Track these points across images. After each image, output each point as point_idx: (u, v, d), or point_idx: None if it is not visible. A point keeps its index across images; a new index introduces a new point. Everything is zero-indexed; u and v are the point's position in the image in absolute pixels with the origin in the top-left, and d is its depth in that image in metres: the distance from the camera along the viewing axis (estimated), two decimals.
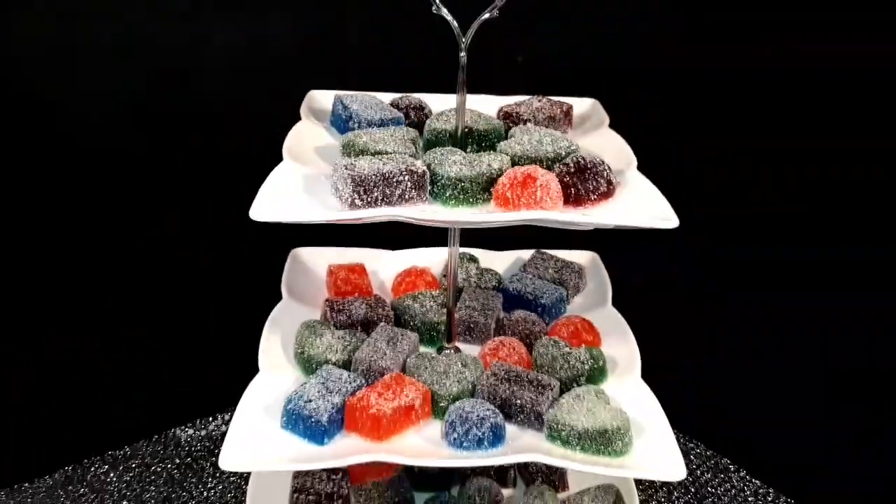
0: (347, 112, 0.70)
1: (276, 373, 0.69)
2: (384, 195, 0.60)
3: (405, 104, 0.73)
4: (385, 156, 0.63)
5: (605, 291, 0.79)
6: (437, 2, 0.65)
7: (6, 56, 0.90)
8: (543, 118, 0.72)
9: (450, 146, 0.67)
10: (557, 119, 0.72)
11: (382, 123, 0.69)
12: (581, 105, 0.75)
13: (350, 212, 0.59)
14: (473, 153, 0.66)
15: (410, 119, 0.72)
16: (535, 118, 0.72)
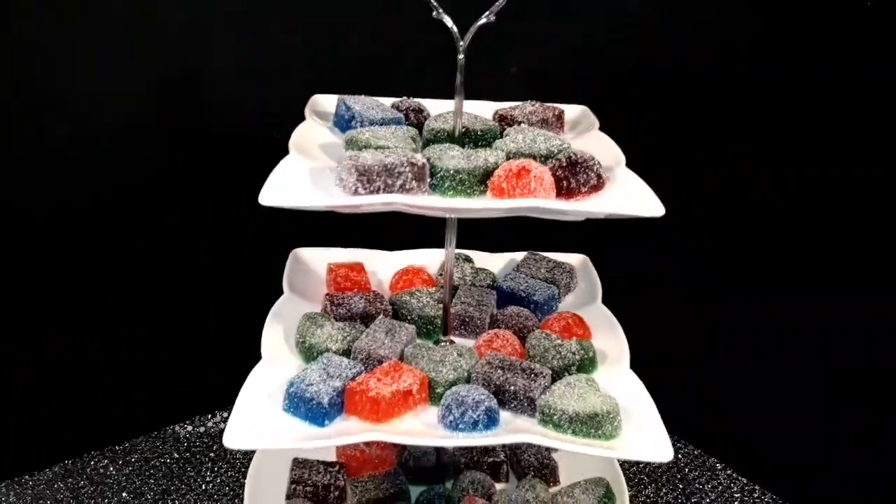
0: (350, 112, 0.72)
1: (278, 361, 0.70)
2: (386, 185, 0.62)
3: (405, 107, 0.76)
4: (387, 149, 0.66)
5: (596, 290, 0.82)
6: (438, 9, 0.69)
7: (6, 56, 0.89)
8: (537, 121, 0.74)
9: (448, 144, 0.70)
10: (550, 122, 0.75)
11: (384, 123, 0.72)
12: (572, 111, 0.78)
13: (353, 198, 0.62)
14: (471, 150, 0.68)
15: (410, 120, 0.75)
16: (529, 121, 0.74)
